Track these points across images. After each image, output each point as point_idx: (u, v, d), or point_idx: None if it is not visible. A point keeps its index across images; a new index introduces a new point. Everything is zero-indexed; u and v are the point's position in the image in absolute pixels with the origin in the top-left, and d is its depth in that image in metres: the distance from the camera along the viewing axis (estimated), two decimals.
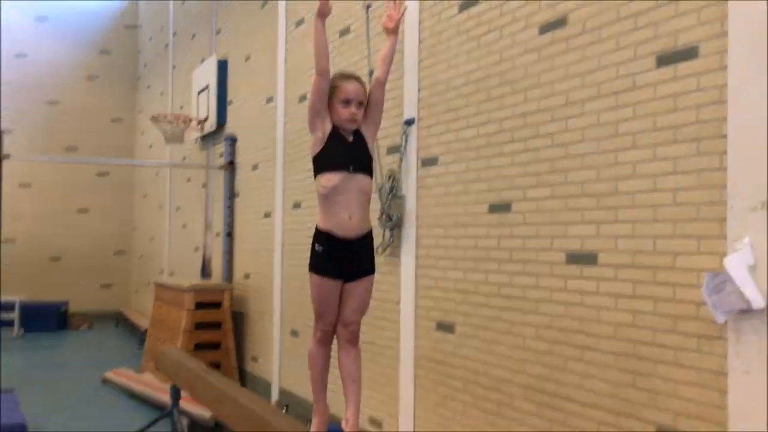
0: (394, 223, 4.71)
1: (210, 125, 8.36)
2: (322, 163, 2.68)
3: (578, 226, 3.34)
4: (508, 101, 3.81)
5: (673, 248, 2.87)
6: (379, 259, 4.89)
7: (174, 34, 11.05)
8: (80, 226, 13.06)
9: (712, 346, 2.70)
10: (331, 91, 2.70)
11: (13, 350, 10.06)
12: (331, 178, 2.64)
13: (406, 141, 4.65)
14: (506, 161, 3.80)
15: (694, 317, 2.77)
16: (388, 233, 4.80)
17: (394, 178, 4.75)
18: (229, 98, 8.19)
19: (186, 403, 5.80)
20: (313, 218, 5.89)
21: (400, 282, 4.70)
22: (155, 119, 8.40)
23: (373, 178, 2.82)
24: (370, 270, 2.75)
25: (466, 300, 4.08)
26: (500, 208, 3.84)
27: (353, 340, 2.77)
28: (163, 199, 11.19)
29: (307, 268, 2.80)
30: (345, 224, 2.64)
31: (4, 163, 12.29)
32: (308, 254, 5.94)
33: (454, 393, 4.14)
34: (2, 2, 12.51)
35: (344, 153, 2.67)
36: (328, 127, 2.69)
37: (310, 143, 2.76)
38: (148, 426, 4.91)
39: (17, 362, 9.22)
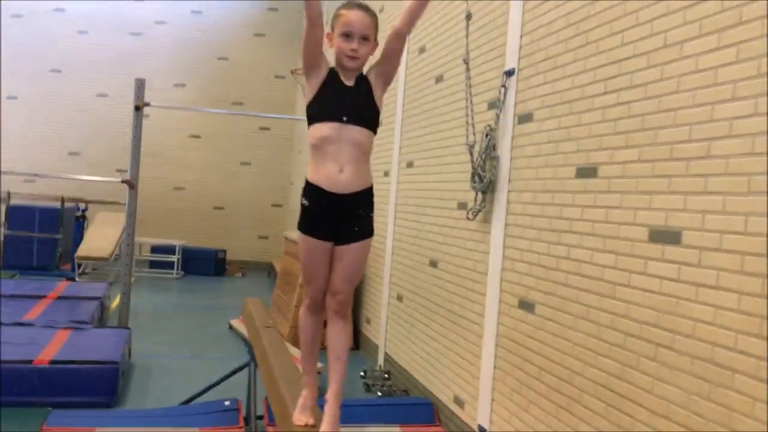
0: (485, 185, 4.25)
1: None
2: (313, 113, 2.36)
3: (664, 196, 2.73)
4: (604, 45, 3.21)
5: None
6: (470, 225, 4.49)
7: None
8: (242, 178, 13.63)
9: None
10: (333, 20, 2.36)
11: (170, 290, 10.76)
12: (320, 129, 2.31)
13: (505, 94, 4.15)
14: (597, 117, 3.22)
15: None
16: (480, 197, 4.34)
17: (490, 136, 4.27)
18: None
19: None
20: (424, 177, 5.60)
21: (490, 252, 4.25)
22: (293, 72, 8.39)
23: (376, 132, 2.44)
24: (362, 234, 2.37)
25: (548, 276, 3.57)
26: (587, 172, 3.28)
27: (341, 311, 2.40)
28: (301, 144, 11.32)
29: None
30: (334, 178, 2.29)
31: (177, 113, 13.10)
32: (416, 216, 5.59)
33: (530, 380, 3.66)
34: None
35: (339, 101, 2.33)
36: (324, 74, 2.36)
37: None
38: (228, 376, 4.89)
39: (168, 301, 9.81)
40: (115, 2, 13.25)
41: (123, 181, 7.27)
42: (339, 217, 2.32)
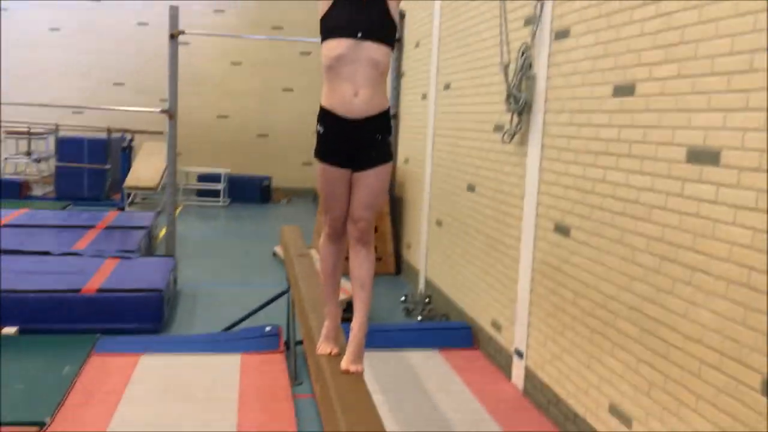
0: (521, 106, 4.11)
1: None
2: (326, 27, 2.27)
3: (703, 114, 2.59)
4: None
5: None
6: (507, 148, 4.38)
7: None
8: (285, 105, 13.56)
9: None
10: None
11: (216, 218, 10.92)
12: (335, 46, 2.22)
13: (542, 9, 3.96)
14: (635, 30, 3.05)
15: None
16: (515, 118, 4.22)
17: (527, 55, 4.11)
18: None
19: None
20: (461, 100, 5.46)
21: (526, 175, 4.15)
22: None
23: (394, 49, 2.34)
24: (380, 159, 2.31)
25: (583, 200, 3.47)
26: (624, 90, 3.13)
27: (363, 239, 2.37)
28: None
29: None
30: (349, 102, 2.22)
31: (218, 40, 13.01)
32: (454, 140, 5.50)
33: (565, 304, 3.62)
34: None
35: (353, 16, 2.22)
36: None
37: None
38: (267, 304, 4.97)
39: (214, 229, 9.99)
40: None
41: (162, 111, 7.30)
42: (355, 143, 2.26)
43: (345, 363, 2.32)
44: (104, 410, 3.59)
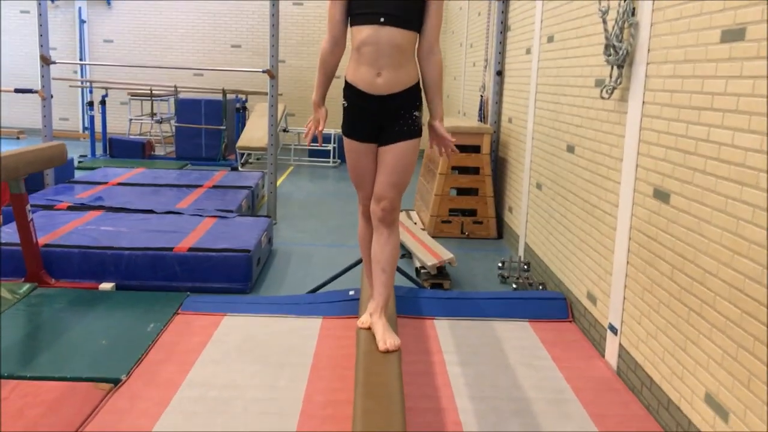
0: (621, 58, 3.70)
1: None
2: (352, 13, 2.17)
3: None
4: None
5: None
6: (607, 105, 4.00)
7: None
8: None
9: None
10: None
11: (325, 178, 10.99)
12: (360, 31, 2.15)
13: None
14: None
15: None
16: (615, 72, 3.81)
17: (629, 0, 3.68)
18: None
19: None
20: (563, 53, 5.06)
21: (626, 135, 3.76)
22: None
23: (418, 31, 2.21)
24: (405, 134, 2.16)
25: (685, 162, 3.07)
26: (733, 34, 2.70)
27: (386, 219, 2.22)
28: (461, 35, 10.77)
29: None
30: (371, 82, 2.16)
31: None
32: (555, 96, 5.21)
33: (661, 279, 3.26)
34: None
35: (376, 2, 2.11)
36: None
37: None
38: (350, 268, 4.86)
39: (321, 189, 10.03)
40: None
41: (264, 71, 7.30)
42: (379, 117, 2.15)
43: (380, 346, 2.18)
44: (179, 369, 3.61)
